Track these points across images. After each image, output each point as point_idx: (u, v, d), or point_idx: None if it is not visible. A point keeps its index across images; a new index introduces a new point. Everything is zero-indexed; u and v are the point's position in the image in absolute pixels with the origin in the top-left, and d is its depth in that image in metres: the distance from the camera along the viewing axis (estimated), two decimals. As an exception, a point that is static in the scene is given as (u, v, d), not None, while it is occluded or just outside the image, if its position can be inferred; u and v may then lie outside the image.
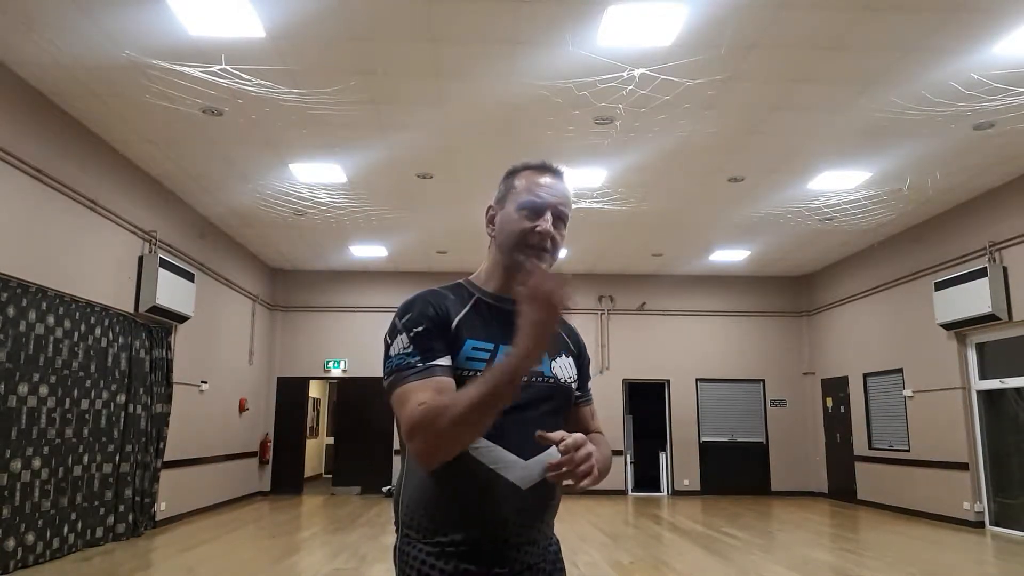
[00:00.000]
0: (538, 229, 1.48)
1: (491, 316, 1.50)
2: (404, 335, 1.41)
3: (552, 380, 1.50)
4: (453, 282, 1.56)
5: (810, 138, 7.06)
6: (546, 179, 1.53)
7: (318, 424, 17.66)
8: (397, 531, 1.49)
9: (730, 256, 11.88)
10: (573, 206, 1.64)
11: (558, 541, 1.56)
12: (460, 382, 1.38)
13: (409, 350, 1.40)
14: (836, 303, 12.33)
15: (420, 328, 1.41)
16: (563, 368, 1.54)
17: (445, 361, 1.39)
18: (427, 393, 1.33)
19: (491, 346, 1.44)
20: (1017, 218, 8.13)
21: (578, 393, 1.63)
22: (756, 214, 9.49)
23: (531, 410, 1.42)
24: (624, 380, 13.15)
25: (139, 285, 7.90)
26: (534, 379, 1.46)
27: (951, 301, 8.93)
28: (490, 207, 1.58)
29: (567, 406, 1.56)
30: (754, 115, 6.57)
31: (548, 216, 1.49)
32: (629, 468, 13.10)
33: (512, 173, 1.57)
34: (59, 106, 6.41)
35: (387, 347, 1.44)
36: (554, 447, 1.30)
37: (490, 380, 1.25)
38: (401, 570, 1.43)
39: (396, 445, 11.74)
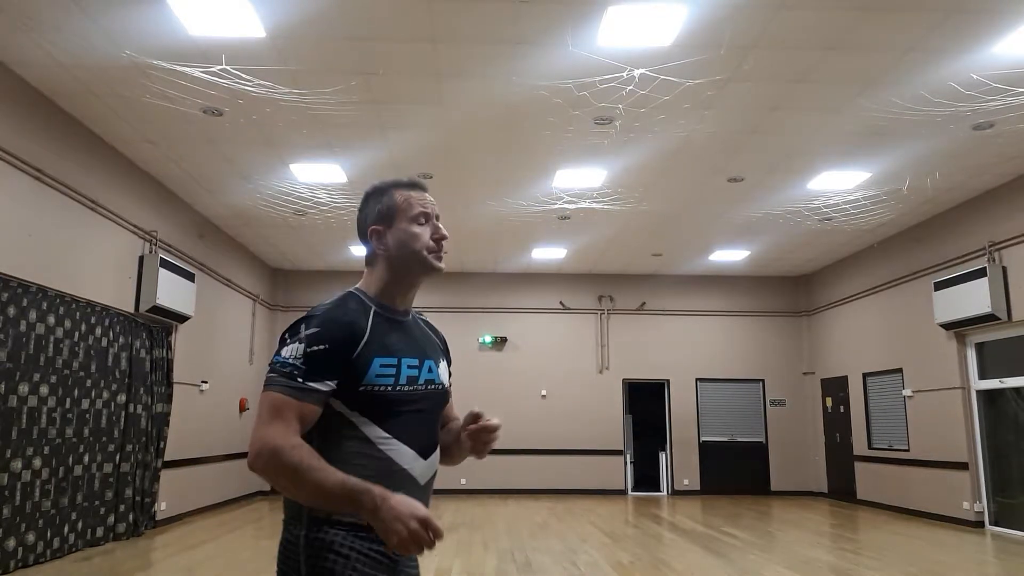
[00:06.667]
0: (436, 237, 1.68)
1: (390, 330, 1.62)
2: (302, 345, 1.49)
3: (441, 387, 1.71)
4: (343, 293, 1.63)
5: (810, 138, 7.06)
6: (418, 192, 1.69)
7: (318, 424, 17.64)
8: (295, 524, 1.51)
9: (730, 256, 11.88)
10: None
11: None
12: (369, 398, 1.52)
13: (299, 363, 1.47)
14: (836, 303, 12.34)
15: (319, 348, 1.48)
16: (445, 373, 1.76)
17: (323, 387, 1.48)
18: (292, 420, 1.44)
19: (395, 360, 1.58)
20: (1017, 218, 8.14)
21: None
22: (756, 214, 9.49)
23: (429, 414, 1.65)
24: (624, 380, 13.15)
25: (139, 285, 7.90)
26: (430, 387, 1.66)
27: (951, 301, 8.93)
28: (373, 228, 1.67)
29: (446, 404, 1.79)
30: (754, 115, 6.58)
31: (438, 223, 1.70)
32: (629, 468, 13.10)
33: (380, 193, 1.69)
34: (59, 106, 6.41)
35: (282, 343, 1.52)
36: (438, 449, 1.66)
37: (349, 493, 1.39)
38: (309, 556, 1.47)
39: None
